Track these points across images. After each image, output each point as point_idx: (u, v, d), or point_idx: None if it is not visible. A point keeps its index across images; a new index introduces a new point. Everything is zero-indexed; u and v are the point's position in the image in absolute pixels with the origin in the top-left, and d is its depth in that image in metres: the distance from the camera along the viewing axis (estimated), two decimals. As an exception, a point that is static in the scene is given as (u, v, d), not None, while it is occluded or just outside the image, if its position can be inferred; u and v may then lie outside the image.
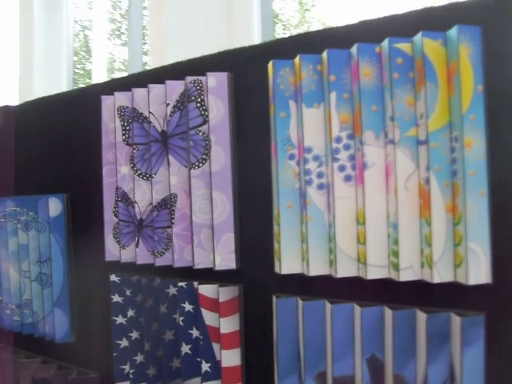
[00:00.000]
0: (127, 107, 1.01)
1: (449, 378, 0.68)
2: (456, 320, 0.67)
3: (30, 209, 1.17)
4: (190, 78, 0.90)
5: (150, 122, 0.97)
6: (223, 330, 0.88)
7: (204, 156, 0.90)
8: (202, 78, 0.90)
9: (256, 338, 0.89)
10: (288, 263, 0.80)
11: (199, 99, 0.90)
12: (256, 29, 2.43)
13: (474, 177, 0.65)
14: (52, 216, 1.14)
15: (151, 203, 0.97)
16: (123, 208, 1.01)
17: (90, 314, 1.13)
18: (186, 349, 0.93)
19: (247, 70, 0.90)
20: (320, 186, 0.78)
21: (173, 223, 0.92)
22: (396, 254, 0.70)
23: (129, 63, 2.77)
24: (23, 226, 1.18)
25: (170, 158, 0.93)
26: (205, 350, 0.90)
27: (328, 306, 0.77)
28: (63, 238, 1.14)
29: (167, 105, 0.93)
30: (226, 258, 0.88)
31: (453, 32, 0.66)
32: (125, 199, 1.01)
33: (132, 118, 0.98)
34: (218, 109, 0.88)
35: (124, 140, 1.01)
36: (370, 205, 0.72)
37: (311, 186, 0.77)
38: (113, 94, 1.02)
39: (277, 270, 0.82)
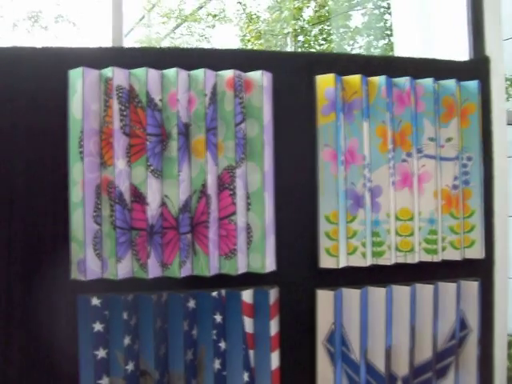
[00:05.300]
0: (124, 87, 0.82)
1: (460, 328, 0.96)
2: (472, 285, 0.95)
3: None
4: (236, 72, 0.84)
5: (160, 110, 0.83)
6: (272, 333, 0.86)
7: (243, 155, 0.86)
8: (242, 74, 0.86)
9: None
10: (343, 258, 0.89)
11: (240, 95, 0.85)
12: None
13: (483, 185, 0.96)
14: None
15: (164, 204, 0.83)
16: (120, 212, 0.81)
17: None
18: (217, 364, 0.85)
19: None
20: (369, 189, 0.91)
21: (207, 227, 0.83)
22: (434, 241, 0.93)
23: None
24: None
25: (208, 154, 0.83)
26: (245, 359, 0.85)
27: (378, 290, 0.91)
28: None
29: (205, 95, 0.83)
30: (271, 261, 0.87)
31: (473, 84, 0.95)
32: (121, 201, 0.81)
33: (143, 102, 0.81)
34: (268, 109, 0.86)
35: (121, 128, 0.81)
36: (417, 204, 0.92)
37: (366, 188, 0.90)
38: (90, 66, 0.81)
39: (328, 265, 0.89)
